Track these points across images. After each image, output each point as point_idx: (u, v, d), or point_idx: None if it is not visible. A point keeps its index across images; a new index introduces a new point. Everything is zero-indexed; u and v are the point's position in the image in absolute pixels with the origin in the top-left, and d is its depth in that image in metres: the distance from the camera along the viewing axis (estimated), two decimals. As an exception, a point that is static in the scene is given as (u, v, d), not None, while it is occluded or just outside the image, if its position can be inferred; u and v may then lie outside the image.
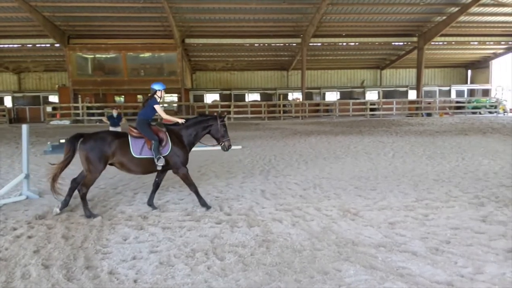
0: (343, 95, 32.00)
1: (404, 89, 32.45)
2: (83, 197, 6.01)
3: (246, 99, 30.71)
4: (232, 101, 29.06)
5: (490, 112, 28.64)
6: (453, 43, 28.26)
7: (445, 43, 28.05)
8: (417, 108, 28.51)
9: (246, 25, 24.15)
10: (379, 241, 4.91)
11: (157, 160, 6.08)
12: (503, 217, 5.70)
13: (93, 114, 26.04)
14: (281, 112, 27.66)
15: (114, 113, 12.99)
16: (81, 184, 6.04)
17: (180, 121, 6.59)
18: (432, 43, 26.82)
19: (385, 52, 30.65)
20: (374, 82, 33.82)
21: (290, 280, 3.96)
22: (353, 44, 28.01)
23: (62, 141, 13.07)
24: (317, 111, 28.73)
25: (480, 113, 28.70)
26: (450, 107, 29.87)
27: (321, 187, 7.76)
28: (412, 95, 31.24)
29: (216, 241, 4.98)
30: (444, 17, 24.06)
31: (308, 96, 29.74)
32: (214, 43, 26.49)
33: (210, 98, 31.39)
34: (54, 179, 6.03)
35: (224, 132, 6.61)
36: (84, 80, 26.42)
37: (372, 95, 32.89)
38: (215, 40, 26.11)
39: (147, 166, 6.17)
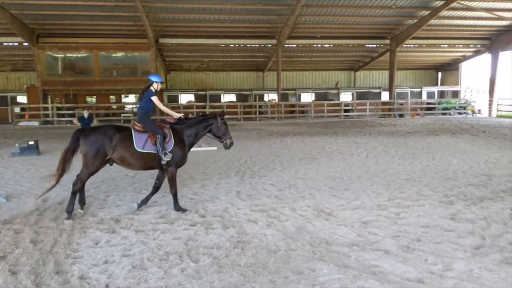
0: (318, 96, 32.33)
1: (377, 90, 33.07)
2: (75, 192, 5.94)
3: (222, 100, 30.57)
4: (208, 101, 28.88)
5: (459, 113, 29.53)
6: (424, 45, 28.99)
7: (416, 45, 28.75)
8: (389, 109, 29.11)
9: (221, 26, 24.05)
10: (353, 240, 4.98)
11: (164, 156, 6.04)
12: (471, 215, 5.89)
13: (63, 115, 25.31)
14: (257, 113, 27.69)
15: (85, 114, 12.68)
16: (77, 176, 5.98)
17: (178, 115, 6.56)
18: (404, 45, 27.43)
19: (359, 54, 31.16)
20: (348, 83, 34.32)
21: (265, 281, 3.96)
22: (327, 46, 28.33)
23: (31, 142, 12.67)
24: (293, 112, 28.93)
25: (450, 114, 29.56)
26: (421, 108, 30.63)
27: (296, 187, 7.82)
28: (385, 96, 31.87)
29: (191, 243, 4.93)
30: (415, 21, 24.67)
31: (283, 97, 29.89)
32: (189, 43, 26.23)
33: (185, 98, 31.05)
34: (59, 177, 5.95)
35: (225, 130, 6.63)
36: (54, 80, 25.65)
37: (346, 96, 33.37)
38: (190, 40, 25.86)
39: (148, 161, 6.13)
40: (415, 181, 8.28)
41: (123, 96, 28.96)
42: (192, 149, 6.77)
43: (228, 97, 31.65)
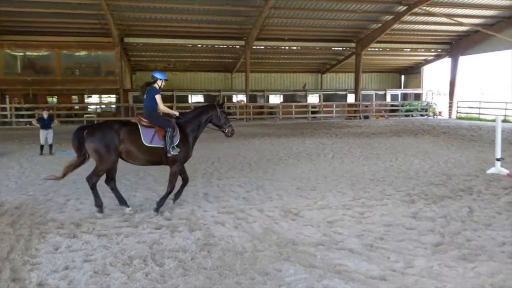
0: (286, 98, 32.62)
1: (343, 92, 33.73)
2: (93, 187, 5.99)
3: (189, 101, 30.23)
4: (174, 102, 28.45)
5: (421, 115, 30.60)
6: (388, 49, 29.86)
7: (380, 49, 29.56)
8: (355, 111, 29.76)
9: (188, 26, 23.78)
10: (318, 240, 5.03)
11: (172, 150, 6.05)
12: (431, 214, 6.09)
13: (22, 116, 24.26)
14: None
15: (45, 114, 12.22)
16: (91, 173, 5.99)
17: (175, 113, 6.54)
18: (369, 49, 28.13)
19: (326, 57, 31.68)
20: (315, 85, 34.82)
21: (231, 283, 3.93)
22: (295, 48, 28.65)
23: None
24: (261, 113, 29.04)
25: (412, 116, 30.58)
26: (385, 110, 31.52)
27: (264, 188, 7.83)
28: (350, 98, 32.56)
29: (155, 247, 4.83)
30: (380, 25, 25.35)
31: (252, 98, 29.93)
32: (155, 43, 25.76)
33: (152, 99, 30.55)
34: (65, 174, 6.09)
35: (225, 119, 6.70)
36: (13, 80, 24.56)
37: (313, 98, 33.86)
38: (156, 40, 25.41)
39: (154, 156, 6.15)
40: (379, 180, 8.48)
41: (86, 96, 28.04)
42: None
43: (196, 98, 31.35)
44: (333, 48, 29.46)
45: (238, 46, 26.83)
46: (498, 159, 9.02)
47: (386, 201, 6.81)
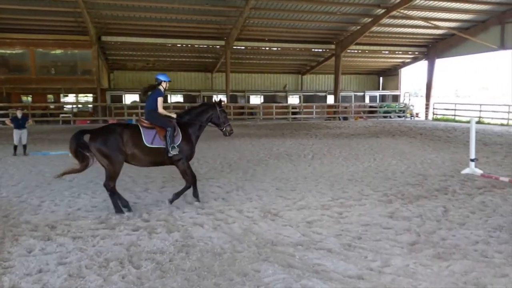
0: (267, 99, 32.71)
1: (323, 94, 34.07)
2: (113, 193, 6.02)
3: (169, 101, 29.93)
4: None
5: (399, 116, 31.18)
6: (367, 51, 30.30)
7: (359, 51, 29.97)
8: (335, 112, 30.09)
9: (168, 25, 23.55)
10: (297, 240, 5.05)
11: (171, 149, 6.12)
12: (408, 213, 6.20)
13: (-5, 115, 23.58)
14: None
15: (19, 114, 11.90)
16: (106, 179, 6.01)
17: (173, 115, 6.61)
18: (348, 51, 28.48)
19: (306, 58, 31.92)
20: (296, 86, 35.03)
21: (209, 284, 3.90)
22: (275, 49, 28.76)
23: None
24: (242, 113, 29.03)
25: (390, 117, 31.13)
26: (364, 112, 31.99)
27: (244, 189, 7.82)
28: (330, 99, 32.91)
29: (133, 249, 4.75)
30: (359, 27, 25.71)
31: (232, 98, 29.88)
32: (134, 42, 25.40)
33: (129, 98, 30.06)
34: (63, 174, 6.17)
35: (224, 118, 6.82)
36: (-15, 78, 23.87)
37: (294, 99, 34.06)
38: (134, 39, 25.05)
39: (157, 156, 6.21)
40: (357, 181, 8.59)
41: (62, 95, 27.40)
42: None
43: (175, 98, 31.09)
44: (313, 50, 29.72)
45: (218, 46, 26.75)
46: (472, 160, 9.26)
47: (364, 201, 6.90)
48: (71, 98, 28.63)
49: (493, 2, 22.82)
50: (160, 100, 6.44)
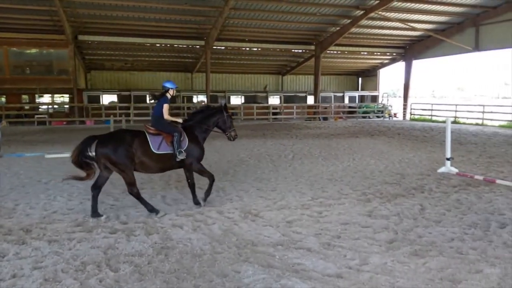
0: (247, 99, 32.71)
1: (303, 94, 34.30)
2: (138, 196, 6.00)
3: (148, 101, 29.57)
4: (132, 102, 27.74)
5: (377, 117, 31.66)
6: (346, 52, 30.66)
7: (339, 52, 30.31)
8: (315, 113, 30.34)
9: (146, 24, 23.26)
10: (277, 240, 5.06)
11: (179, 154, 6.15)
12: (386, 212, 6.29)
13: (-32, 116, 22.83)
14: (185, 114, 27.28)
15: (-7, 115, 11.52)
16: (127, 187, 5.99)
17: (179, 120, 6.68)
18: (328, 51, 28.76)
19: (286, 59, 32.07)
20: (276, 87, 35.16)
21: (189, 286, 3.88)
22: (256, 49, 28.80)
23: None
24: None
25: (369, 117, 31.59)
26: (343, 112, 32.36)
27: (224, 190, 7.79)
28: (310, 100, 33.16)
29: (110, 252, 4.67)
30: (338, 28, 25.99)
31: (213, 99, 29.70)
32: (111, 41, 24.99)
33: (107, 99, 29.57)
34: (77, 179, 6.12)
35: (230, 123, 6.89)
36: (-44, 78, 23.09)
37: (274, 100, 34.17)
38: (112, 38, 24.65)
39: (165, 162, 6.25)
40: (337, 180, 8.68)
41: (37, 96, 26.71)
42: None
43: (155, 98, 30.71)
44: (293, 50, 29.88)
45: (198, 46, 26.61)
46: (448, 159, 9.47)
47: (343, 200, 6.97)
48: (46, 98, 27.96)
49: (468, 4, 23.46)
50: (165, 107, 6.48)
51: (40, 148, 13.55)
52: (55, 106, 27.64)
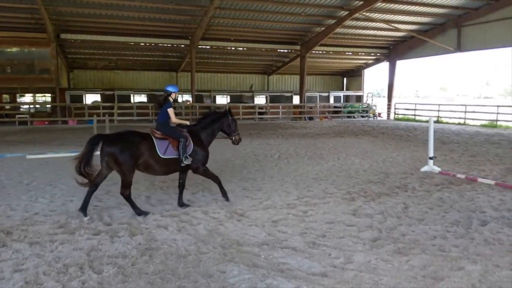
0: (233, 99, 32.62)
1: (289, 94, 34.39)
2: (129, 198, 5.99)
3: (132, 100, 29.25)
4: (116, 102, 27.39)
5: (362, 116, 31.96)
6: (331, 52, 30.86)
7: (324, 52, 30.48)
8: (300, 112, 30.46)
9: (130, 23, 22.98)
10: (263, 240, 5.06)
11: (184, 159, 6.26)
12: (370, 210, 6.36)
13: None
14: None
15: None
16: (121, 187, 5.96)
17: (187, 123, 6.83)
18: (313, 51, 28.91)
19: (272, 59, 32.11)
20: (262, 87, 35.18)
21: (174, 287, 3.84)
22: (241, 49, 28.75)
23: None
24: (208, 114, 28.75)
25: (354, 117, 31.86)
26: (329, 112, 32.56)
27: (210, 190, 7.74)
28: (296, 100, 33.29)
29: (93, 254, 4.60)
30: (323, 28, 26.14)
31: (198, 98, 29.60)
32: (95, 40, 24.59)
33: (90, 98, 29.14)
34: (81, 171, 5.84)
35: (235, 127, 7.03)
36: None
37: (260, 100, 34.18)
38: (96, 37, 24.26)
39: (170, 166, 6.33)
40: (322, 180, 8.73)
41: (18, 95, 26.16)
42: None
43: (139, 98, 30.43)
44: (278, 50, 29.94)
45: (183, 45, 26.42)
46: (431, 158, 9.62)
47: (328, 200, 7.01)
48: (28, 98, 27.41)
49: (450, 6, 23.88)
50: (170, 111, 6.58)
51: (22, 148, 13.28)
52: (37, 106, 27.13)
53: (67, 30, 23.55)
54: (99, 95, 29.27)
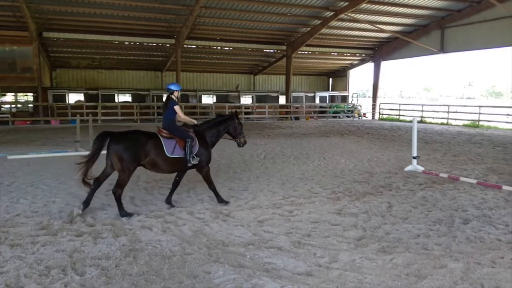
0: (219, 99, 32.51)
1: (275, 94, 34.44)
2: (119, 198, 5.94)
3: (116, 100, 28.90)
4: (100, 101, 27.04)
5: (347, 116, 32.23)
6: (317, 53, 31.04)
7: (310, 52, 30.63)
8: (286, 112, 30.55)
9: (114, 22, 22.68)
10: (248, 240, 5.06)
11: (192, 159, 6.35)
12: (354, 210, 6.41)
13: None
14: (155, 114, 26.89)
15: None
16: (115, 185, 5.96)
17: (194, 121, 6.93)
18: (299, 52, 29.02)
19: (258, 59, 32.12)
20: (248, 87, 35.15)
21: (158, 289, 3.80)
22: (227, 48, 28.69)
23: None
24: (194, 113, 28.65)
25: (339, 117, 32.11)
26: (314, 112, 32.74)
27: (195, 190, 7.72)
28: (282, 100, 33.36)
29: (76, 255, 4.53)
30: (309, 29, 26.26)
31: (184, 98, 29.44)
32: (78, 38, 24.17)
33: (74, 98, 28.69)
34: (84, 177, 5.88)
35: (240, 130, 7.18)
36: None
37: (246, 99, 34.17)
38: (78, 35, 23.84)
39: (176, 165, 6.42)
40: (308, 179, 8.76)
41: (-1, 94, 25.67)
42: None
43: (123, 97, 30.10)
44: (264, 50, 29.96)
45: (168, 45, 26.22)
46: (414, 157, 9.75)
47: (313, 199, 7.05)
48: (9, 97, 26.84)
49: (433, 7, 24.25)
50: (177, 108, 6.65)
51: (3, 149, 12.99)
52: (19, 105, 26.59)
53: (49, 29, 23.12)
54: (82, 94, 28.85)
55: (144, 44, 26.13)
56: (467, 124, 24.29)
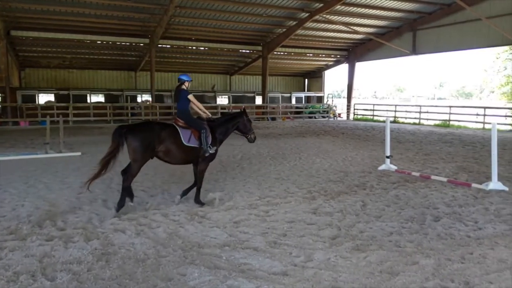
0: (195, 99, 32.21)
1: (252, 94, 34.47)
2: (125, 187, 6.15)
3: (88, 100, 28.23)
4: (71, 102, 26.36)
5: (323, 117, 32.59)
6: (292, 54, 31.27)
7: (285, 53, 30.83)
8: (263, 113, 30.63)
9: (86, 20, 22.16)
10: (224, 241, 5.02)
11: (210, 149, 6.58)
12: (330, 209, 6.47)
13: None
14: (129, 114, 26.43)
15: None
16: (126, 174, 6.18)
17: (209, 114, 7.12)
18: (275, 52, 29.16)
19: (234, 59, 32.07)
20: (224, 87, 35.05)
21: (131, 293, 3.73)
22: (202, 48, 28.52)
23: None
24: (169, 114, 28.31)
25: (315, 118, 32.43)
26: (291, 112, 32.95)
27: (170, 192, 7.62)
28: (258, 100, 33.42)
29: (46, 260, 4.39)
30: (284, 30, 26.43)
31: (159, 98, 29.05)
32: (48, 37, 23.49)
33: (44, 98, 27.85)
34: (99, 173, 6.00)
35: (250, 126, 7.32)
36: None
37: (222, 100, 34.04)
38: (49, 34, 23.19)
39: (190, 155, 6.60)
40: (284, 179, 8.80)
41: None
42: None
43: (96, 98, 29.46)
44: (240, 51, 29.95)
45: (142, 44, 25.85)
46: (387, 157, 9.95)
47: (289, 199, 7.08)
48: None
49: (405, 10, 24.83)
50: (191, 97, 6.83)
51: (-32, 151, 12.47)
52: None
53: (18, 27, 22.40)
54: (53, 95, 28.06)
55: (117, 43, 25.67)
56: (438, 124, 24.98)
